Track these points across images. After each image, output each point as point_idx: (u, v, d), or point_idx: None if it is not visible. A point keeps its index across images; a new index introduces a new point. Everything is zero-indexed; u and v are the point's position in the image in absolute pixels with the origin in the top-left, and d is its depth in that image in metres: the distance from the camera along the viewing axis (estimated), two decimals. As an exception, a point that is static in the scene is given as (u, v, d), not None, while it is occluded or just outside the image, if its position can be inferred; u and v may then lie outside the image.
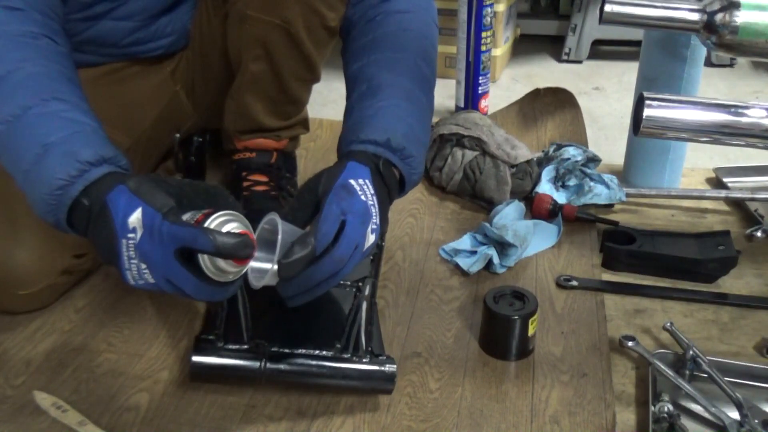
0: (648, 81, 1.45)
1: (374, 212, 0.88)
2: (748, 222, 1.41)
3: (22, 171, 0.84)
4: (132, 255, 0.78)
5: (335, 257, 0.83)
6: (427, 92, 1.08)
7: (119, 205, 0.79)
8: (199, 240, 0.74)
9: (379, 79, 1.03)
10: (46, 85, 0.88)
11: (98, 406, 0.96)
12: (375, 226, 0.88)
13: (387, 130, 0.96)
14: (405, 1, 1.11)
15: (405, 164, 0.97)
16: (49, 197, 0.82)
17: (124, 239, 0.78)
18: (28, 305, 1.12)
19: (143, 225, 0.77)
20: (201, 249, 0.75)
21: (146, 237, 0.77)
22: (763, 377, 1.02)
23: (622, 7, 1.25)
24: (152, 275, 0.78)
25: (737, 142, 1.06)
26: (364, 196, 0.88)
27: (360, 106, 1.02)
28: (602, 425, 0.95)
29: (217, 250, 0.74)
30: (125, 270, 0.79)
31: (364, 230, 0.86)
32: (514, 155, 1.46)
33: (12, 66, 0.87)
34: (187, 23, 1.24)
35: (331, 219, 0.84)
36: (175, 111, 1.32)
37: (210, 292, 0.78)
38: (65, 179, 0.81)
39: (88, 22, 1.12)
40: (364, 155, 0.94)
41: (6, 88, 0.87)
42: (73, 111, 0.87)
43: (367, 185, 0.90)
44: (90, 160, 0.82)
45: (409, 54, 1.06)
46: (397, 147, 0.95)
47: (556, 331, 1.12)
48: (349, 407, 0.97)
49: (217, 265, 0.77)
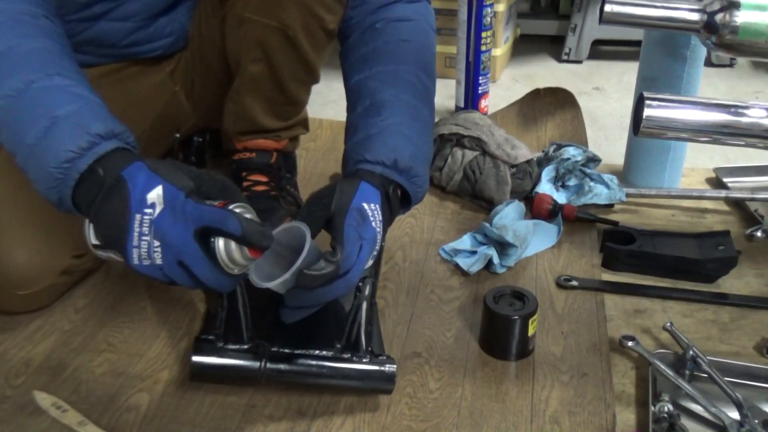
0: (648, 81, 1.45)
1: (378, 239, 0.92)
2: (748, 222, 1.41)
3: (26, 145, 0.82)
4: (145, 231, 0.77)
5: (348, 280, 0.87)
6: (429, 105, 1.10)
7: (138, 180, 0.78)
8: (229, 221, 0.76)
9: (382, 95, 1.04)
10: (49, 60, 0.87)
11: (98, 406, 0.96)
12: (375, 253, 0.92)
13: (394, 151, 0.98)
14: (404, 8, 1.12)
15: (411, 184, 0.99)
16: (56, 170, 0.80)
17: (138, 214, 0.77)
18: (28, 305, 1.11)
19: (164, 201, 0.77)
20: (228, 231, 0.76)
21: (167, 213, 0.76)
22: (763, 377, 1.02)
23: (622, 7, 1.25)
24: (163, 255, 0.77)
25: (737, 142, 1.06)
26: (374, 223, 0.91)
27: (365, 123, 1.03)
28: (602, 425, 0.95)
29: (243, 234, 0.75)
30: (132, 247, 0.77)
31: (369, 258, 0.90)
32: (514, 155, 1.46)
33: (13, 42, 0.86)
34: (186, 24, 1.24)
35: (352, 242, 0.87)
36: (175, 111, 1.32)
37: (218, 280, 0.78)
38: (75, 151, 0.79)
39: (87, 23, 1.12)
40: (375, 177, 0.96)
41: (7, 63, 0.85)
42: (78, 86, 0.86)
43: (377, 211, 0.92)
44: (100, 133, 0.81)
45: (410, 66, 1.08)
46: (404, 168, 0.98)
47: (556, 331, 1.12)
48: (349, 407, 0.97)
49: (230, 254, 0.78)
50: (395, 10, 1.11)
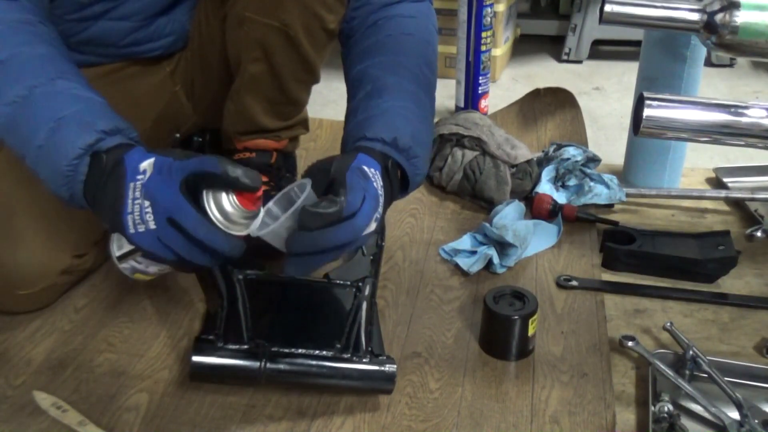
0: (648, 81, 1.45)
1: (381, 202, 0.89)
2: (748, 222, 1.41)
3: (35, 147, 0.85)
4: (137, 195, 0.79)
5: (354, 225, 0.82)
6: (430, 96, 1.08)
7: (134, 157, 0.81)
8: (209, 162, 0.77)
9: (383, 80, 1.03)
10: (50, 66, 0.90)
11: (98, 406, 0.96)
12: (378, 215, 0.88)
13: (394, 130, 0.96)
14: (407, 6, 1.12)
15: (410, 164, 0.97)
16: (66, 168, 0.83)
17: (132, 182, 0.79)
18: (28, 305, 1.11)
19: (154, 165, 0.80)
20: (209, 171, 0.77)
21: (155, 174, 0.79)
22: (763, 377, 1.02)
23: (622, 7, 1.25)
24: (154, 216, 0.78)
25: (737, 142, 1.06)
26: (375, 184, 0.88)
27: (365, 105, 1.01)
28: (602, 425, 0.95)
29: (223, 171, 0.76)
30: (127, 215, 0.79)
31: (374, 215, 0.86)
32: (514, 155, 1.46)
33: (14, 50, 0.89)
34: (186, 24, 1.24)
35: (356, 189, 0.84)
36: (175, 111, 1.32)
37: (214, 237, 0.78)
38: (83, 148, 0.83)
39: (86, 23, 1.12)
40: (374, 152, 0.94)
41: (10, 71, 0.88)
42: (80, 89, 0.89)
43: (377, 176, 0.90)
44: (105, 129, 0.84)
45: (411, 58, 1.07)
46: (403, 147, 0.96)
47: (556, 331, 1.12)
48: (349, 407, 0.97)
49: (220, 204, 0.78)
50: (398, 8, 1.11)
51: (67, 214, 1.07)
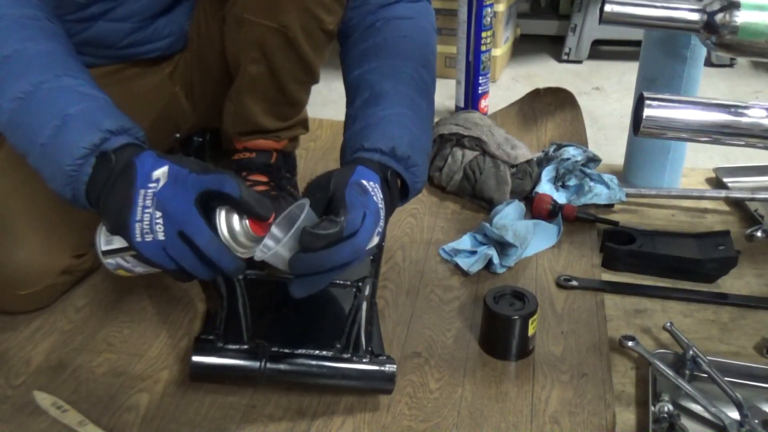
0: (648, 81, 1.45)
1: (382, 216, 0.89)
2: (748, 222, 1.41)
3: (38, 145, 0.84)
4: (148, 204, 0.78)
5: (356, 244, 0.82)
6: (429, 100, 1.08)
7: (146, 162, 0.80)
8: (227, 183, 0.76)
9: (381, 86, 1.03)
10: (55, 61, 0.88)
11: (98, 406, 0.96)
12: (380, 229, 0.88)
13: (392, 139, 0.96)
14: (405, 7, 1.12)
15: (409, 173, 0.97)
16: (70, 167, 0.81)
17: (143, 189, 0.78)
18: (28, 305, 1.12)
19: (168, 175, 0.78)
20: (226, 192, 0.76)
21: (169, 184, 0.78)
22: (763, 377, 1.02)
23: (622, 7, 1.25)
24: (164, 227, 0.77)
25: (737, 142, 1.06)
26: (375, 198, 0.88)
27: (363, 114, 1.02)
28: (602, 425, 0.95)
29: (241, 196, 0.76)
30: (135, 222, 0.78)
31: (375, 230, 0.86)
32: (514, 155, 1.46)
33: (19, 45, 0.87)
34: (185, 25, 1.24)
35: (357, 206, 0.84)
36: (175, 112, 1.32)
37: (221, 255, 0.78)
38: (88, 147, 0.81)
39: (85, 23, 1.12)
40: (372, 163, 0.94)
41: (14, 67, 0.87)
42: (86, 86, 0.88)
43: (377, 188, 0.90)
44: (111, 129, 0.83)
45: (409, 61, 1.07)
46: (402, 156, 0.96)
47: (556, 331, 1.12)
48: (349, 407, 0.97)
49: (231, 225, 0.78)
50: (395, 9, 1.11)
51: (66, 215, 1.07)
